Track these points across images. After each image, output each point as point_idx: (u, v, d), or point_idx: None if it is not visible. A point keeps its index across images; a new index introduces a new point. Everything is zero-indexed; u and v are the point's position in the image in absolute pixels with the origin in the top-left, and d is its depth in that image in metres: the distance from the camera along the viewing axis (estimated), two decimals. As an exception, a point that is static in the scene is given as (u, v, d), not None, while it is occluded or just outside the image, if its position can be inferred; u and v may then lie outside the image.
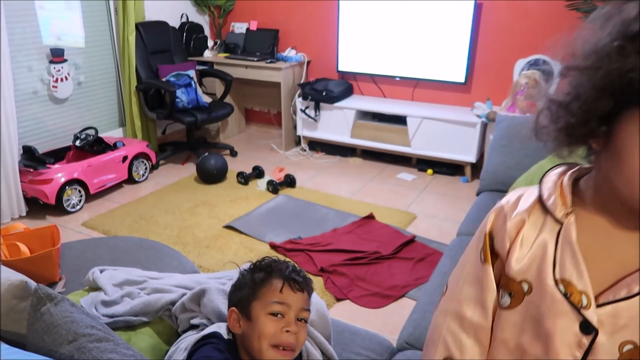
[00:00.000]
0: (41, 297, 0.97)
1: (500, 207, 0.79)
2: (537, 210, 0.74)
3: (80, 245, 1.91)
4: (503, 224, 0.76)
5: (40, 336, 0.93)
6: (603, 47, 0.60)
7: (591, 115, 0.62)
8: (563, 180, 0.74)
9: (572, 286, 0.69)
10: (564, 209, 0.71)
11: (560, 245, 0.71)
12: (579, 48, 0.64)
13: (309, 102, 4.20)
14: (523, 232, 0.74)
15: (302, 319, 1.07)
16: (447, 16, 3.76)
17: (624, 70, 0.57)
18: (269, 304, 1.05)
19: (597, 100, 0.61)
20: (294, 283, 1.07)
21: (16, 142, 3.14)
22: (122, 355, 0.88)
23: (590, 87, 0.61)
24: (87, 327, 0.93)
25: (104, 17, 3.95)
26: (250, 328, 1.05)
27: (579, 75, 0.63)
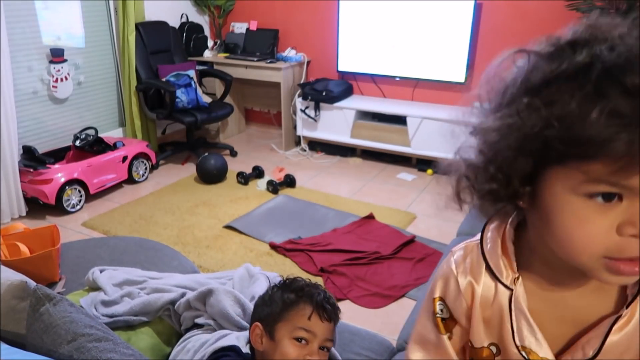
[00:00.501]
0: (40, 297, 0.97)
1: (448, 270, 0.73)
2: (486, 272, 0.70)
3: (80, 245, 1.91)
4: (456, 289, 0.72)
5: (39, 336, 0.93)
6: (510, 103, 0.56)
7: (511, 178, 0.57)
8: (505, 237, 0.69)
9: (534, 353, 0.67)
10: (511, 274, 0.67)
11: (514, 312, 0.68)
12: (489, 102, 0.61)
13: (309, 102, 4.20)
14: (478, 296, 0.70)
15: (325, 348, 1.07)
16: (447, 16, 3.76)
17: (537, 129, 0.52)
18: (295, 328, 1.04)
19: (515, 161, 0.55)
20: (323, 312, 1.06)
21: (16, 142, 3.14)
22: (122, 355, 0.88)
23: (505, 147, 0.55)
24: (86, 327, 0.93)
25: (104, 17, 3.95)
26: (272, 348, 1.04)
27: (490, 134, 0.58)
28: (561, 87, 0.51)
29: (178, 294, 1.32)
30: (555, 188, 0.54)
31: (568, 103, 0.50)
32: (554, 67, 0.53)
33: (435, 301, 0.75)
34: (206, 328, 1.22)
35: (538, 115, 0.52)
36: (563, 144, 0.50)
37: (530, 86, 0.54)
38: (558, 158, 0.52)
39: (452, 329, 0.75)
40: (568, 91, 0.50)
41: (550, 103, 0.51)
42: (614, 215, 0.51)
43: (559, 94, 0.51)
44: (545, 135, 0.51)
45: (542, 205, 0.57)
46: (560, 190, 0.54)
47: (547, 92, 0.52)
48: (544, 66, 0.54)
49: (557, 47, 0.55)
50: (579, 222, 0.53)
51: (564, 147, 0.50)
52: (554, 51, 0.55)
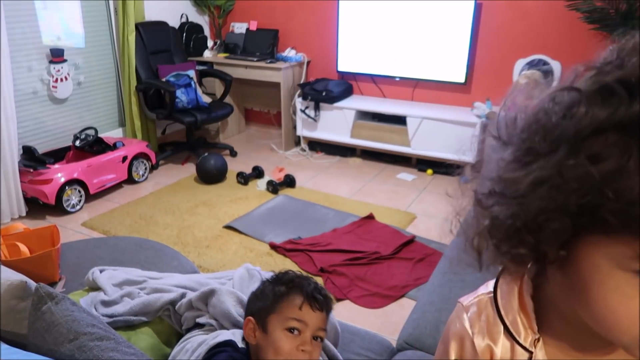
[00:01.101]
0: (42, 296, 0.97)
1: (463, 330, 0.66)
2: (504, 334, 0.62)
3: (80, 245, 1.91)
4: (473, 352, 0.64)
5: (41, 335, 0.93)
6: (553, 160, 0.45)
7: (543, 242, 0.48)
8: (522, 291, 0.61)
9: None
10: (531, 335, 0.60)
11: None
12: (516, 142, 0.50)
13: (309, 102, 4.20)
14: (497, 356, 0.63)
15: (318, 338, 1.07)
16: (447, 16, 3.76)
17: (586, 197, 0.43)
18: (286, 319, 1.04)
19: (549, 223, 0.46)
20: (315, 302, 1.06)
21: (16, 142, 3.14)
22: (123, 354, 0.88)
23: (538, 207, 0.46)
24: (88, 326, 0.93)
25: (103, 17, 3.95)
26: (265, 340, 1.05)
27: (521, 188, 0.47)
28: (613, 141, 0.41)
29: (178, 294, 1.32)
30: (597, 259, 0.46)
31: (623, 162, 0.40)
32: (606, 114, 0.42)
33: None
34: (207, 328, 1.22)
35: (586, 176, 0.42)
36: (615, 217, 0.42)
37: (575, 136, 0.44)
38: (604, 228, 0.44)
39: None
40: (622, 146, 0.41)
41: (597, 159, 0.42)
42: None
43: (610, 148, 0.41)
44: (594, 204, 0.43)
45: (576, 273, 0.49)
46: (602, 262, 0.46)
47: (595, 145, 0.42)
48: (591, 111, 0.43)
49: (606, 86, 0.43)
50: (625, 300, 0.45)
51: (617, 220, 0.42)
52: (602, 91, 0.43)
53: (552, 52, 3.55)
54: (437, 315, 1.52)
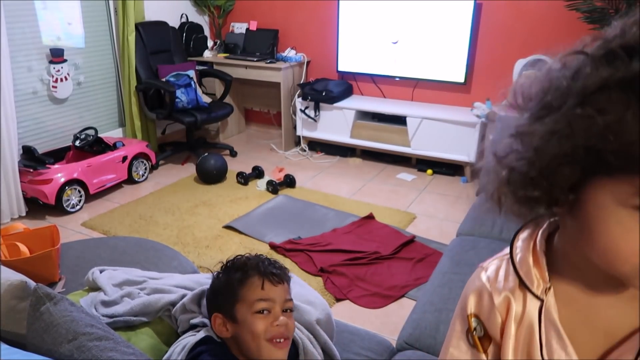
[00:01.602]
0: (40, 296, 0.97)
1: (481, 285, 0.71)
2: (517, 284, 0.68)
3: (79, 245, 1.91)
4: (490, 304, 0.70)
5: (39, 335, 0.93)
6: (559, 109, 0.53)
7: (555, 185, 0.55)
8: (536, 246, 0.67)
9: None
10: (542, 284, 0.66)
11: (544, 324, 0.66)
12: (532, 104, 0.58)
13: (309, 102, 4.20)
14: (512, 310, 0.68)
15: (288, 309, 1.08)
16: (447, 16, 3.76)
17: (590, 141, 0.50)
18: (252, 303, 1.04)
19: (561, 168, 0.54)
20: (273, 277, 1.06)
21: (16, 142, 3.14)
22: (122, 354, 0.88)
23: (551, 154, 0.54)
24: (87, 326, 0.93)
25: (103, 17, 3.95)
26: (239, 330, 1.05)
27: (536, 140, 0.55)
28: (615, 96, 0.49)
29: (178, 296, 1.32)
30: (601, 198, 0.53)
31: (623, 114, 0.48)
32: (609, 73, 0.50)
33: (470, 318, 0.72)
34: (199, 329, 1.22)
35: (591, 126, 0.50)
36: (616, 158, 0.49)
37: (583, 92, 0.51)
38: (607, 170, 0.51)
39: (487, 349, 0.72)
40: (622, 101, 0.48)
41: (602, 112, 0.49)
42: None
43: (612, 103, 0.49)
44: (598, 147, 0.50)
45: (584, 214, 0.56)
46: (606, 201, 0.53)
47: (600, 100, 0.50)
48: (597, 71, 0.51)
49: (610, 51, 0.51)
50: (625, 232, 0.52)
51: (617, 161, 0.49)
52: (607, 55, 0.51)
53: (552, 52, 3.54)
54: (437, 315, 1.52)
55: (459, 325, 0.75)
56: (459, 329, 0.75)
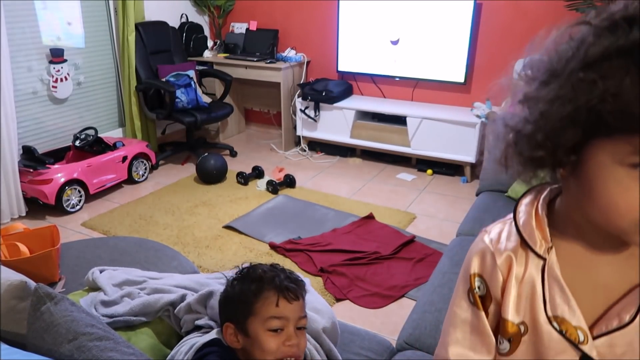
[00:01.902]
0: (41, 296, 0.97)
1: (484, 247, 0.75)
2: (520, 245, 0.72)
3: (79, 245, 1.91)
4: (493, 264, 0.73)
5: (40, 335, 0.93)
6: (564, 76, 0.57)
7: (559, 147, 0.60)
8: (538, 210, 0.71)
9: (567, 322, 0.68)
10: (545, 244, 0.69)
11: (547, 282, 0.69)
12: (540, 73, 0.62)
13: (309, 102, 4.20)
14: (514, 270, 0.72)
15: (301, 327, 1.06)
16: (447, 16, 3.76)
17: (591, 102, 0.54)
18: (266, 320, 1.02)
19: (564, 131, 0.58)
20: (289, 293, 1.04)
21: (16, 142, 3.14)
22: (122, 354, 0.88)
23: (555, 118, 0.58)
24: (87, 326, 0.93)
25: (103, 17, 3.95)
26: (251, 344, 1.04)
27: (542, 104, 0.60)
28: (616, 63, 0.53)
29: (178, 296, 1.32)
30: (601, 158, 0.57)
31: (622, 79, 0.52)
32: (610, 42, 0.54)
33: (472, 278, 0.76)
34: (205, 330, 1.22)
35: (592, 89, 0.54)
36: (615, 118, 0.53)
37: (586, 60, 0.55)
38: (607, 130, 0.55)
39: (488, 308, 0.76)
40: (623, 67, 0.52)
41: (604, 77, 0.53)
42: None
43: (613, 69, 0.53)
44: (598, 109, 0.54)
45: (584, 174, 0.60)
46: (605, 160, 0.57)
47: (602, 67, 0.54)
48: (599, 40, 0.55)
49: (612, 22, 0.55)
50: (623, 190, 0.56)
51: (616, 121, 0.53)
52: (609, 25, 0.55)
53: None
54: (437, 315, 1.52)
55: (461, 286, 0.79)
56: (461, 289, 0.78)
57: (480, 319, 0.76)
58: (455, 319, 0.79)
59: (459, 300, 0.79)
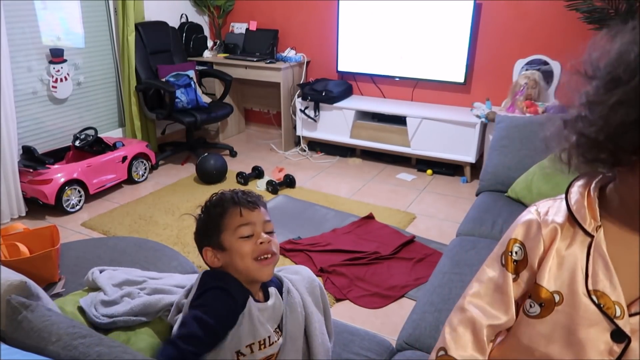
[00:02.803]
0: (15, 306, 0.97)
1: (532, 218, 0.80)
2: (567, 222, 0.76)
3: (79, 245, 1.91)
4: (537, 232, 0.78)
5: (21, 342, 0.93)
6: (630, 82, 0.60)
7: (620, 149, 0.63)
8: (590, 192, 0.76)
9: (606, 297, 0.72)
10: (594, 223, 0.73)
11: (592, 257, 0.73)
12: (601, 75, 0.64)
13: (309, 102, 4.20)
14: (557, 242, 0.76)
15: (269, 231, 1.15)
16: (447, 16, 3.76)
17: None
18: (235, 229, 1.12)
19: (627, 135, 0.61)
20: (249, 203, 1.15)
21: (16, 142, 3.13)
22: (109, 348, 0.88)
23: (619, 122, 0.61)
24: (69, 327, 0.94)
25: (103, 18, 3.95)
26: (229, 256, 1.13)
27: (606, 109, 0.63)
28: None
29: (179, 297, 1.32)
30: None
31: None
32: None
33: (512, 242, 0.81)
34: None
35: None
36: None
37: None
38: None
39: (520, 272, 0.81)
40: None
41: None
42: None
43: None
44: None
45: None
46: None
47: None
48: None
49: None
50: None
51: None
52: None
53: (552, 53, 3.55)
54: (437, 315, 1.52)
55: (497, 249, 0.84)
56: (496, 252, 0.84)
57: (506, 281, 0.81)
58: (482, 275, 0.85)
59: (492, 261, 0.85)
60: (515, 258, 0.80)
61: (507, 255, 0.81)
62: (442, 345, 0.86)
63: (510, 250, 0.81)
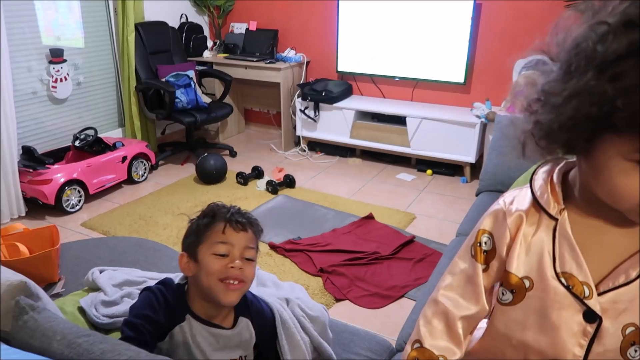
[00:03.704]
0: (23, 307, 0.98)
1: (498, 208, 0.81)
2: (532, 208, 0.78)
3: (79, 245, 1.91)
4: (503, 221, 0.79)
5: (25, 342, 0.94)
6: (583, 74, 0.61)
7: (572, 138, 0.66)
8: (553, 178, 0.77)
9: (574, 278, 0.73)
10: (557, 206, 0.75)
11: (558, 240, 0.74)
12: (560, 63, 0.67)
13: (309, 102, 4.21)
14: (522, 229, 0.77)
15: (249, 259, 1.11)
16: (447, 16, 3.76)
17: (604, 107, 0.59)
18: (213, 244, 1.09)
19: (578, 124, 0.63)
20: (236, 224, 1.10)
21: (15, 143, 3.13)
22: (112, 345, 0.89)
23: (571, 111, 0.63)
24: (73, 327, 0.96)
25: (103, 18, 3.95)
26: (198, 269, 1.09)
27: (559, 99, 0.65)
28: (631, 63, 0.56)
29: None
30: (609, 152, 0.63)
31: (633, 81, 0.56)
32: (627, 42, 0.57)
33: (480, 233, 0.82)
34: None
35: (606, 88, 0.58)
36: (622, 121, 0.58)
37: (603, 58, 0.59)
38: (615, 128, 0.60)
39: (490, 262, 0.82)
40: (635, 68, 0.56)
41: (618, 77, 0.57)
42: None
43: (628, 69, 0.56)
44: (610, 108, 0.58)
45: (595, 161, 0.66)
46: (612, 153, 0.63)
47: (618, 66, 0.57)
48: (617, 40, 0.58)
49: (629, 21, 0.58)
50: (625, 179, 0.62)
51: (624, 120, 0.58)
52: (626, 24, 0.58)
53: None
54: (436, 315, 1.52)
55: (467, 241, 0.85)
56: (467, 243, 0.85)
57: (476, 271, 0.82)
58: (454, 268, 0.86)
59: (463, 253, 0.86)
60: (484, 248, 0.82)
61: (477, 247, 0.82)
62: (417, 337, 0.87)
63: (479, 241, 0.82)
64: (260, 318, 1.19)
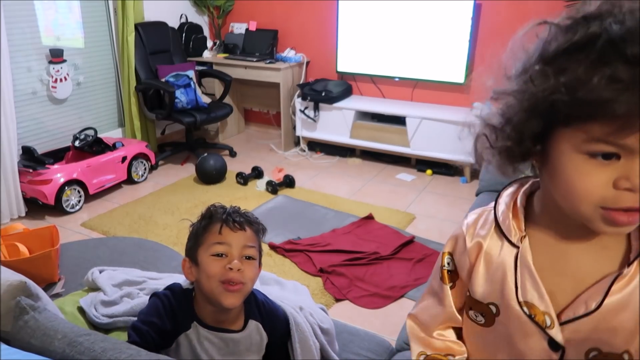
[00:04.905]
0: (24, 307, 0.99)
1: (459, 232, 0.81)
2: (494, 232, 0.76)
3: (79, 245, 1.92)
4: (463, 247, 0.79)
5: (26, 341, 0.94)
6: (527, 71, 0.62)
7: (524, 137, 0.64)
8: (516, 201, 0.76)
9: (535, 308, 0.72)
10: (519, 233, 0.73)
11: (519, 268, 0.73)
12: (509, 70, 0.68)
13: (308, 102, 4.20)
14: (482, 255, 0.77)
15: (249, 257, 1.09)
16: (447, 16, 3.76)
17: (546, 93, 0.59)
18: (210, 245, 1.08)
19: (527, 121, 0.62)
20: (233, 223, 1.09)
21: (15, 143, 3.13)
22: (114, 344, 0.90)
23: (519, 109, 0.63)
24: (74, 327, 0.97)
25: (103, 18, 3.95)
26: (199, 272, 1.09)
27: (509, 98, 0.65)
28: (572, 56, 0.58)
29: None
30: (561, 146, 0.61)
31: (576, 70, 0.56)
32: (568, 38, 0.59)
33: (444, 255, 0.84)
34: None
35: (548, 81, 0.58)
36: (568, 106, 0.57)
37: (546, 55, 0.61)
38: (564, 120, 0.59)
39: (456, 281, 0.83)
40: (577, 60, 0.57)
41: (561, 71, 0.58)
42: (611, 171, 0.58)
43: (569, 62, 0.57)
44: (553, 99, 0.58)
45: (550, 162, 0.64)
46: (565, 149, 0.61)
47: (560, 61, 0.58)
48: (559, 37, 0.60)
49: (573, 20, 0.60)
50: (580, 176, 0.60)
51: (569, 109, 0.57)
52: (570, 24, 0.60)
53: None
54: (436, 315, 1.52)
55: (438, 262, 0.86)
56: (437, 265, 0.86)
57: (444, 292, 0.84)
58: (430, 288, 0.89)
59: (435, 274, 0.87)
60: (448, 269, 0.83)
61: (442, 269, 0.84)
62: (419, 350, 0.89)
63: (443, 264, 0.83)
64: (272, 319, 1.18)
